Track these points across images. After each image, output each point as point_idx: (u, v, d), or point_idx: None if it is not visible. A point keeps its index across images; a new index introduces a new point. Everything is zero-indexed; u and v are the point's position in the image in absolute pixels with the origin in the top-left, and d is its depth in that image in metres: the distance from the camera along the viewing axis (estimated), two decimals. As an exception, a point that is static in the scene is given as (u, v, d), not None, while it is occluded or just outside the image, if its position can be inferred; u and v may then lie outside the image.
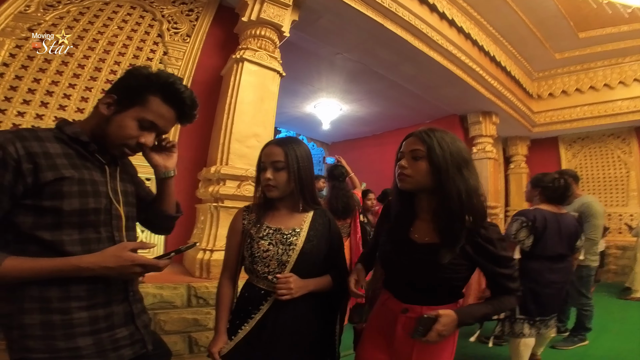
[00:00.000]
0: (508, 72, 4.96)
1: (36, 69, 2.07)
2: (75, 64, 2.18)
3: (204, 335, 1.99)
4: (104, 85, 2.25)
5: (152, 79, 0.90)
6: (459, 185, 0.93)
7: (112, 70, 2.30)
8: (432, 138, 0.97)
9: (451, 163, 0.94)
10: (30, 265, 0.77)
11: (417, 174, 0.98)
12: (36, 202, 0.79)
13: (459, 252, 0.95)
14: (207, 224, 2.22)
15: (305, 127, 7.24)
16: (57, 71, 2.12)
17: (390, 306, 1.08)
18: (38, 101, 2.04)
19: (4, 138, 0.77)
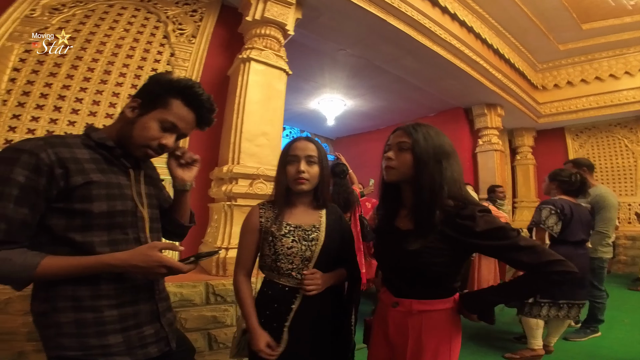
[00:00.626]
0: (512, 64, 4.94)
1: (47, 73, 2.09)
2: (84, 67, 2.20)
3: (223, 332, 2.02)
4: (114, 88, 2.27)
5: (173, 83, 0.93)
6: (434, 176, 0.96)
7: (121, 73, 2.32)
8: (417, 131, 1.00)
9: (432, 155, 0.97)
10: (66, 263, 0.80)
11: (402, 165, 1.01)
12: (67, 205, 0.82)
13: (436, 237, 0.94)
14: (221, 222, 2.25)
15: (309, 123, 7.25)
16: (68, 75, 2.14)
17: (384, 300, 1.09)
18: (51, 105, 2.06)
19: (36, 145, 0.81)
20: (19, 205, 0.76)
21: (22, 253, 0.77)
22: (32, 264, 0.76)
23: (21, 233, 0.78)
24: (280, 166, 1.22)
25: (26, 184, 0.77)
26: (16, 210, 0.76)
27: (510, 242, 0.89)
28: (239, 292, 1.19)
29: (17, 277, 0.76)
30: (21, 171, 0.77)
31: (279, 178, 1.22)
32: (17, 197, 0.76)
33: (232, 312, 2.06)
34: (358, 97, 5.53)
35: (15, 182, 0.76)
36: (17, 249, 0.77)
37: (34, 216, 0.79)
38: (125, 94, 2.30)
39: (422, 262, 0.95)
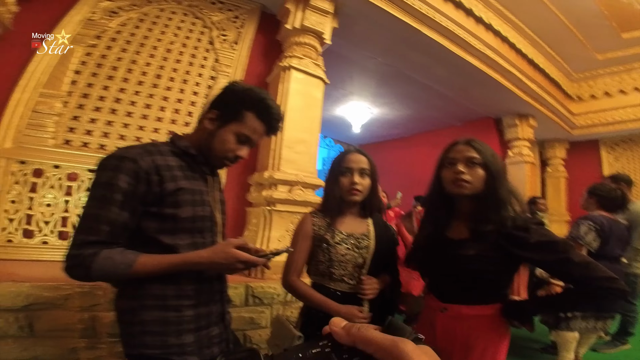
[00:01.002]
0: (546, 74, 4.82)
1: (105, 76, 2.21)
2: (139, 71, 2.32)
3: (257, 333, 2.06)
4: (164, 92, 2.38)
5: (248, 95, 0.98)
6: (506, 190, 1.02)
7: (170, 77, 2.42)
8: (485, 148, 1.07)
9: (502, 171, 1.04)
10: (158, 260, 0.86)
11: (476, 180, 1.04)
12: (159, 210, 0.89)
13: (490, 245, 0.98)
14: (260, 226, 2.30)
15: (334, 129, 7.30)
16: (124, 78, 2.26)
17: (431, 305, 1.12)
18: (107, 108, 2.18)
19: (136, 152, 0.88)
20: (121, 209, 0.83)
21: (121, 252, 0.83)
22: (130, 262, 0.82)
23: (121, 234, 0.84)
24: (332, 177, 1.28)
25: (128, 190, 0.84)
26: (119, 214, 0.83)
27: (563, 256, 0.90)
28: (298, 288, 1.24)
29: (118, 274, 0.81)
30: (124, 177, 0.83)
31: (331, 188, 1.28)
32: (121, 202, 0.83)
33: (268, 314, 2.10)
34: (385, 105, 5.54)
35: (119, 187, 0.83)
36: (117, 248, 0.83)
37: (132, 219, 0.86)
38: (174, 98, 2.40)
39: (475, 268, 0.99)
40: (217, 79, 2.57)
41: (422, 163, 6.91)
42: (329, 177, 1.30)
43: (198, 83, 2.52)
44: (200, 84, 2.52)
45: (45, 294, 1.49)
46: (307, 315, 1.27)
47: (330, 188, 1.28)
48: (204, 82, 2.55)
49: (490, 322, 1.01)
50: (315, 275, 1.27)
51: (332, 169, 1.29)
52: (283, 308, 2.13)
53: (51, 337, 1.48)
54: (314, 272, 1.28)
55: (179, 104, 2.41)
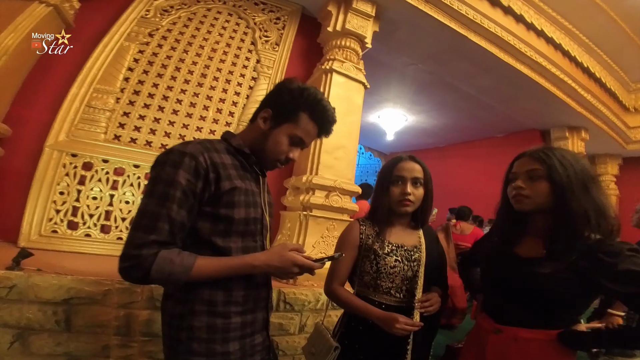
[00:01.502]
0: (602, 83, 4.47)
1: (155, 74, 2.26)
2: (186, 69, 2.36)
3: (285, 339, 2.01)
4: (208, 91, 2.41)
5: (304, 96, 0.93)
6: (586, 205, 0.89)
7: (215, 77, 2.45)
8: (551, 157, 0.94)
9: (576, 182, 0.91)
10: (217, 263, 0.81)
11: (537, 195, 0.95)
12: (214, 210, 0.84)
13: (567, 266, 0.87)
14: (295, 231, 2.25)
15: (365, 136, 7.20)
16: (172, 77, 2.31)
17: (483, 326, 1.04)
18: (156, 105, 2.24)
19: (195, 149, 0.84)
20: (180, 207, 0.79)
21: (178, 253, 0.78)
22: (189, 265, 0.78)
23: (179, 235, 0.80)
24: (381, 185, 1.22)
25: (187, 187, 0.80)
26: (178, 212, 0.79)
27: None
28: (340, 295, 1.17)
29: (176, 278, 0.77)
30: (184, 174, 0.79)
31: (380, 197, 1.21)
32: (180, 199, 0.79)
33: (297, 320, 2.04)
34: (422, 113, 5.38)
35: (179, 184, 0.79)
36: (175, 249, 0.79)
37: (190, 218, 0.82)
38: (217, 97, 2.43)
39: (548, 289, 0.89)
40: (258, 80, 2.58)
41: (456, 175, 6.68)
42: (379, 184, 1.23)
43: (240, 83, 2.54)
44: (242, 84, 2.54)
45: (86, 288, 1.48)
46: (346, 326, 1.20)
47: (379, 197, 1.21)
48: (246, 82, 2.56)
49: (552, 348, 0.90)
50: (360, 286, 1.20)
51: (383, 177, 1.22)
52: (313, 315, 2.05)
53: (86, 333, 1.47)
54: (359, 282, 1.21)
55: (222, 104, 2.43)
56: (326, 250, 2.26)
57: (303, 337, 2.02)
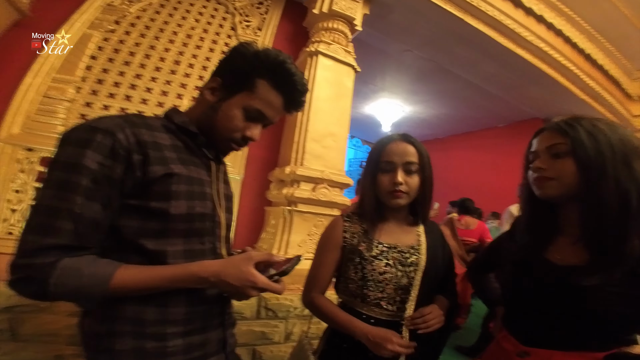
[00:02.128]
0: (605, 71, 4.29)
1: (122, 62, 2.07)
2: (157, 57, 2.17)
3: (269, 349, 1.84)
4: (182, 79, 2.22)
5: (260, 58, 0.75)
6: (625, 184, 0.68)
7: (190, 64, 2.26)
8: (577, 127, 0.74)
9: (611, 156, 0.70)
10: (146, 274, 0.63)
11: (563, 176, 0.75)
12: (142, 203, 0.66)
13: (625, 278, 0.67)
14: (279, 228, 2.06)
15: (360, 128, 7.01)
16: (141, 64, 2.12)
17: (506, 347, 0.84)
18: (122, 94, 2.04)
19: (113, 123, 0.65)
20: (89, 199, 0.60)
21: (92, 262, 0.60)
22: (104, 276, 0.59)
23: (91, 236, 0.61)
24: (368, 174, 0.99)
25: (99, 173, 0.61)
26: (86, 206, 0.60)
27: None
28: (320, 308, 0.97)
29: (88, 293, 0.59)
30: (94, 155, 0.61)
31: (366, 188, 0.99)
32: (88, 188, 0.60)
33: (282, 328, 1.87)
34: (419, 103, 5.18)
35: (87, 169, 0.60)
36: (86, 256, 0.60)
37: (106, 214, 0.63)
38: (192, 85, 2.24)
39: (594, 308, 0.68)
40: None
41: (458, 167, 6.48)
42: (366, 172, 1.02)
43: (202, 77, 2.35)
44: (204, 77, 2.35)
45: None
46: (329, 342, 1.01)
47: (365, 188, 1.00)
48: (208, 75, 2.37)
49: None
50: (346, 295, 1.00)
51: (370, 163, 1.00)
52: (300, 323, 1.87)
53: (35, 342, 1.34)
54: (343, 290, 1.01)
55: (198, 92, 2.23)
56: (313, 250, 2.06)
57: (290, 346, 1.85)
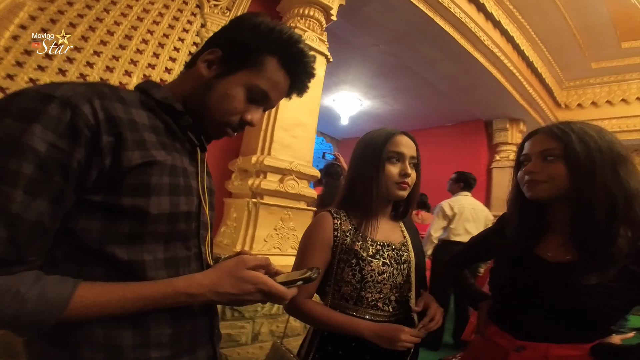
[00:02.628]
0: (542, 79, 4.76)
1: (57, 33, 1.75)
2: (104, 29, 1.87)
3: (236, 351, 1.73)
4: (133, 55, 1.95)
5: (275, 34, 0.63)
6: (612, 189, 0.73)
7: (143, 39, 2.00)
8: (569, 132, 0.78)
9: (600, 162, 0.75)
10: (118, 293, 0.49)
11: (555, 179, 0.79)
12: (111, 199, 0.51)
13: (617, 273, 0.73)
14: (243, 222, 1.94)
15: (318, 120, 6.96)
16: (83, 37, 1.81)
17: (500, 342, 0.86)
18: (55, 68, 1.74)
19: (75, 92, 0.48)
20: (33, 194, 0.44)
21: (36, 281, 0.45)
22: (59, 299, 0.45)
23: (33, 244, 0.46)
24: (372, 162, 0.93)
25: (50, 158, 0.45)
26: (28, 204, 0.44)
27: None
28: (312, 313, 0.88)
29: (32, 322, 0.44)
30: (43, 133, 0.44)
31: (370, 179, 0.92)
32: (32, 179, 0.44)
33: (249, 329, 1.77)
34: (377, 97, 5.27)
35: (31, 152, 0.43)
36: (26, 274, 0.45)
37: (56, 215, 0.47)
38: (145, 62, 1.98)
39: (595, 303, 0.72)
40: (201, 45, 2.17)
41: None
42: (367, 162, 0.94)
43: (177, 48, 2.11)
44: (181, 49, 2.12)
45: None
46: (320, 350, 0.91)
47: (368, 178, 0.92)
48: (185, 47, 2.15)
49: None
50: (335, 299, 0.92)
51: (373, 152, 0.93)
52: (268, 322, 1.78)
53: None
54: (335, 295, 0.93)
55: (150, 70, 1.99)
56: (281, 245, 1.99)
57: (257, 347, 1.76)
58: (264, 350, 1.78)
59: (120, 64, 1.89)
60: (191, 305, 0.59)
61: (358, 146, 0.99)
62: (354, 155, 0.99)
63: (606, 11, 3.73)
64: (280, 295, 0.57)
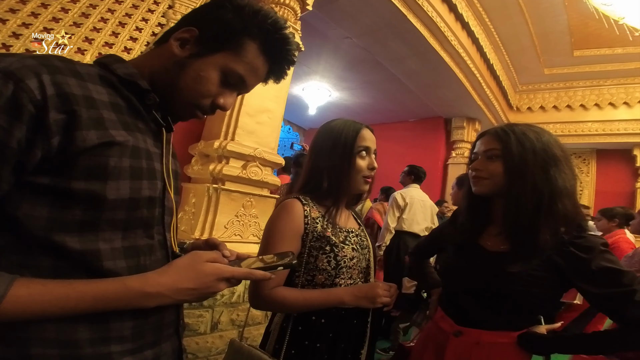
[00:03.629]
0: (500, 82, 5.06)
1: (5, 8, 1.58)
2: (57, 6, 1.69)
3: (194, 341, 1.70)
4: (89, 33, 1.80)
5: (259, 18, 0.61)
6: (539, 186, 0.81)
7: (103, 17, 1.83)
8: (509, 135, 0.86)
9: (532, 162, 0.83)
10: (60, 292, 0.45)
11: (494, 176, 0.87)
12: (59, 182, 0.47)
13: (542, 264, 0.80)
14: (203, 208, 1.88)
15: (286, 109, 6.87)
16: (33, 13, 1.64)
17: (442, 326, 0.95)
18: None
19: (21, 64, 0.44)
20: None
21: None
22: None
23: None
24: (344, 155, 0.94)
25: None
26: None
27: (623, 290, 0.73)
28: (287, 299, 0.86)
29: None
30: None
31: (338, 170, 0.94)
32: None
33: (208, 318, 1.74)
34: (346, 90, 5.30)
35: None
36: None
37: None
38: (101, 41, 1.82)
39: (518, 289, 0.80)
40: (167, 27, 2.04)
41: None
42: (336, 154, 0.94)
43: (140, 28, 1.96)
44: (143, 29, 1.97)
45: None
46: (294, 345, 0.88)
47: (338, 170, 0.93)
48: (148, 28, 2.00)
49: (516, 352, 0.83)
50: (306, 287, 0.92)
51: (344, 145, 0.94)
52: (227, 311, 1.75)
53: None
54: (306, 285, 0.91)
55: (107, 48, 1.84)
56: (242, 232, 1.95)
57: (217, 336, 1.73)
58: (223, 340, 1.76)
59: (73, 41, 1.72)
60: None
61: (325, 136, 0.98)
62: (321, 145, 0.98)
63: (566, 18, 3.99)
64: (244, 275, 0.56)
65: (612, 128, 5.27)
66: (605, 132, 5.35)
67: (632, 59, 4.59)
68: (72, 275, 0.48)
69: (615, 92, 5.16)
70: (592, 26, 3.92)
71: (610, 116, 5.26)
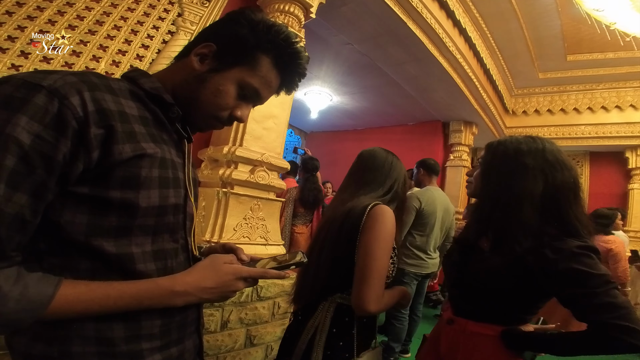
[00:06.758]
0: (496, 86, 5.16)
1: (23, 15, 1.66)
2: (73, 14, 1.78)
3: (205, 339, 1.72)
4: (103, 40, 1.89)
5: (272, 33, 0.65)
6: (497, 195, 0.90)
7: (116, 25, 1.92)
8: (493, 145, 0.97)
9: (497, 169, 0.92)
10: (102, 292, 0.50)
11: (475, 181, 1.00)
12: (97, 192, 0.51)
13: (512, 261, 0.84)
14: (212, 211, 1.97)
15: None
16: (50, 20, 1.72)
17: (444, 315, 1.06)
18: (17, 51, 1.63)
19: (64, 82, 0.48)
20: (15, 187, 0.43)
21: (17, 279, 0.45)
22: (39, 299, 0.46)
23: (13, 239, 0.45)
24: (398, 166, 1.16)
25: (34, 149, 0.44)
26: (9, 197, 0.43)
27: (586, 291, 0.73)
28: (388, 295, 1.04)
29: (12, 321, 0.45)
30: (29, 124, 0.44)
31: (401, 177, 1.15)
32: (14, 172, 0.43)
33: (218, 317, 1.82)
34: (347, 94, 5.41)
35: (15, 143, 0.43)
36: (7, 271, 0.45)
37: (37, 208, 0.47)
38: (115, 49, 1.91)
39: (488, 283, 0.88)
40: (177, 34, 2.15)
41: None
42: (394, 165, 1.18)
43: (151, 36, 2.06)
44: (155, 37, 2.07)
45: None
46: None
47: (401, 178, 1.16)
48: (160, 35, 2.09)
49: (498, 345, 0.87)
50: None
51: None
52: (237, 310, 1.84)
53: None
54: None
55: (120, 56, 1.93)
56: (250, 234, 2.04)
57: (226, 335, 1.82)
58: (232, 338, 1.84)
59: (88, 49, 1.81)
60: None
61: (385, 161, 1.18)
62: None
63: (559, 24, 4.10)
64: (259, 275, 0.64)
65: (604, 131, 5.37)
66: (597, 135, 5.46)
67: (624, 64, 4.72)
68: (108, 277, 0.53)
69: (608, 95, 5.28)
70: (585, 31, 4.03)
71: (602, 119, 5.37)
